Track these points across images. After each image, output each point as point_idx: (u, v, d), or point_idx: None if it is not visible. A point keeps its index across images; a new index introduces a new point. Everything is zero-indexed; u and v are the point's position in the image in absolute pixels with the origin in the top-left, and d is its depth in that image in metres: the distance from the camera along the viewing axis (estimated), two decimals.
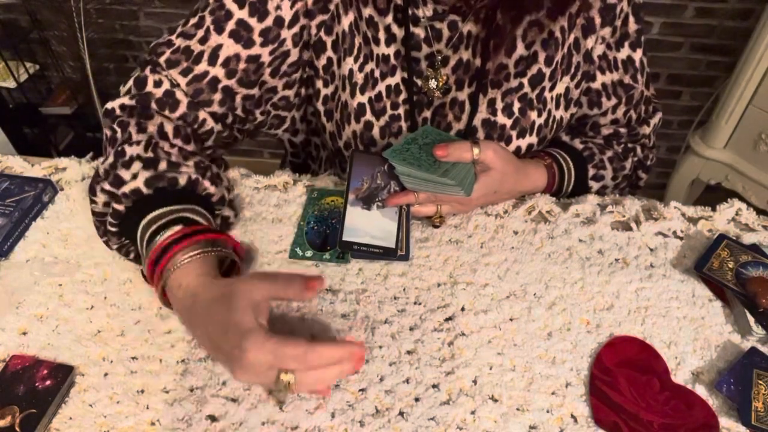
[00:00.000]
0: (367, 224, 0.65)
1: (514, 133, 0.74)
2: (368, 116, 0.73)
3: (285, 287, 0.51)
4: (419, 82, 0.73)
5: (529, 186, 0.75)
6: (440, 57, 0.72)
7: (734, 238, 0.69)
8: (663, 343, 0.60)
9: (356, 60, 0.72)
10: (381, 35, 0.71)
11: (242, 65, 0.69)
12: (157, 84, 0.67)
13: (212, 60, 0.67)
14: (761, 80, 1.44)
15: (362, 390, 0.56)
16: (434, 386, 0.56)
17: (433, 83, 0.72)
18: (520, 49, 0.71)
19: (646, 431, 0.53)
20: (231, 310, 0.50)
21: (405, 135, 0.75)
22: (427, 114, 0.75)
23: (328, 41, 0.72)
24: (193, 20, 0.68)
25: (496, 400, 0.55)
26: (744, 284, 0.63)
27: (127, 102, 0.67)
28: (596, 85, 0.77)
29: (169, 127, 0.66)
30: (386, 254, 0.65)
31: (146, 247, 0.57)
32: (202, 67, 0.67)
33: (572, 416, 0.55)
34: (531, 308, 0.63)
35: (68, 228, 0.71)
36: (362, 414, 0.54)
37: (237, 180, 0.77)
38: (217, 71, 0.68)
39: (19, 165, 0.79)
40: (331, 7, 0.70)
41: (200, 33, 0.67)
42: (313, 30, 0.71)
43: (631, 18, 0.74)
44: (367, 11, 0.70)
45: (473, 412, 0.55)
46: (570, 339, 0.60)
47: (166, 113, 0.67)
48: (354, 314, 0.62)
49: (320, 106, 0.77)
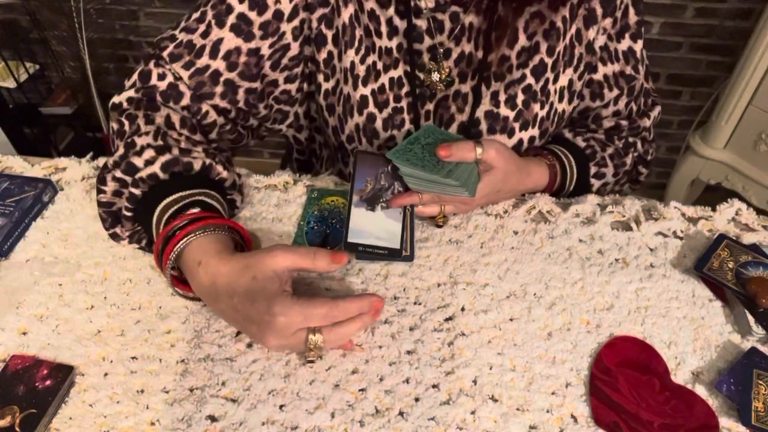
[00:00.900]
0: (372, 225, 0.65)
1: (517, 125, 0.74)
2: (371, 108, 0.74)
3: (309, 258, 0.55)
4: (421, 75, 0.73)
5: (531, 185, 0.75)
6: (442, 49, 0.72)
7: (734, 238, 0.69)
8: (663, 343, 0.60)
9: (357, 52, 0.72)
10: (383, 28, 0.71)
11: (243, 58, 0.70)
12: (161, 77, 0.69)
13: (213, 54, 0.69)
14: (761, 80, 1.44)
15: (362, 390, 0.56)
16: (434, 386, 0.56)
17: (436, 76, 0.73)
18: (522, 41, 0.71)
19: (646, 431, 0.53)
20: (256, 280, 0.53)
21: (408, 132, 0.75)
22: (430, 107, 0.75)
23: (329, 35, 0.72)
24: (195, 15, 0.70)
25: (496, 400, 0.55)
26: (744, 284, 0.63)
27: (134, 95, 0.69)
28: (598, 76, 0.77)
29: (176, 117, 0.68)
30: (391, 255, 0.65)
31: (164, 228, 0.59)
32: (204, 61, 0.69)
33: (572, 416, 0.55)
34: (531, 308, 0.63)
35: (68, 228, 0.71)
36: (362, 414, 0.54)
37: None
38: (218, 64, 0.69)
39: (19, 165, 0.79)
40: (332, 0, 0.70)
41: (202, 27, 0.69)
42: (314, 23, 0.71)
43: (632, 9, 0.74)
44: (369, 4, 0.70)
45: (473, 412, 0.54)
46: (570, 339, 0.60)
47: (171, 104, 0.69)
48: None
49: (322, 101, 0.77)
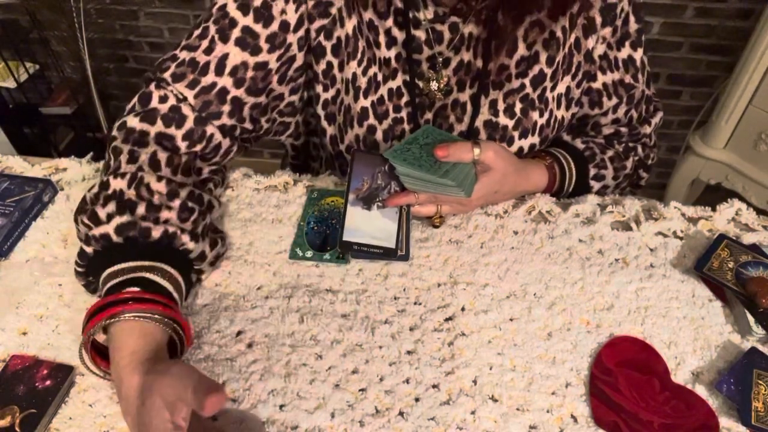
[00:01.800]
0: (368, 224, 0.65)
1: (516, 134, 0.74)
2: (371, 120, 0.73)
3: (194, 395, 0.45)
4: (421, 84, 0.73)
5: (530, 186, 0.75)
6: (441, 59, 0.72)
7: (734, 238, 0.69)
8: (663, 343, 0.60)
9: (360, 64, 0.72)
10: (382, 39, 0.71)
11: (250, 73, 0.67)
12: (163, 99, 0.65)
13: (219, 70, 0.66)
14: (761, 80, 1.44)
15: (362, 390, 0.56)
16: (434, 386, 0.56)
17: (435, 85, 0.72)
18: (522, 50, 0.71)
19: (646, 431, 0.53)
20: (145, 407, 0.46)
21: (406, 135, 0.75)
22: (429, 116, 0.75)
23: (328, 46, 0.71)
24: (197, 32, 0.67)
25: (496, 400, 0.55)
26: (744, 284, 0.63)
27: (130, 123, 0.64)
28: (597, 85, 0.77)
29: (162, 156, 0.62)
30: (386, 254, 0.65)
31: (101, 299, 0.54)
32: (210, 78, 0.66)
33: (572, 416, 0.55)
34: (531, 308, 0.63)
35: (68, 228, 0.71)
36: (362, 414, 0.54)
37: (238, 180, 0.77)
38: (225, 81, 0.66)
39: (19, 165, 0.79)
40: (333, 11, 0.70)
41: (205, 43, 0.66)
42: (313, 34, 0.70)
43: (632, 17, 0.74)
44: (368, 15, 0.70)
45: (473, 412, 0.54)
46: (570, 339, 0.60)
47: (171, 131, 0.65)
48: (354, 314, 0.62)
49: (320, 110, 0.77)
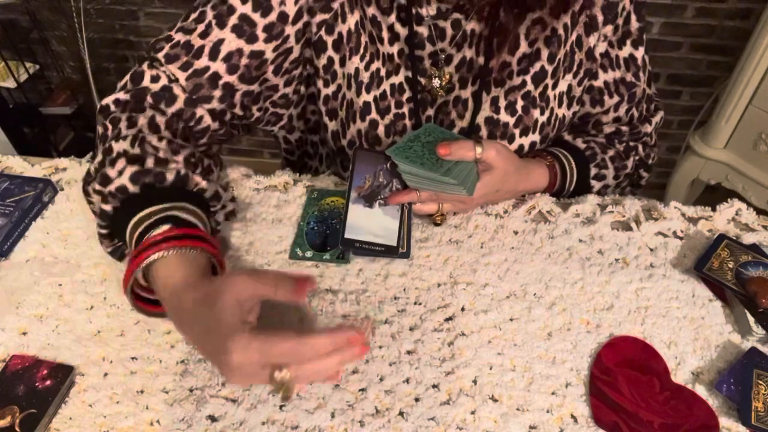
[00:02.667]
0: (369, 222, 0.65)
1: (517, 131, 0.74)
2: (373, 115, 0.74)
3: (274, 286, 0.49)
4: (423, 81, 0.73)
5: (531, 185, 0.75)
6: (444, 56, 0.72)
7: (734, 238, 0.69)
8: (663, 343, 0.60)
9: (362, 59, 0.72)
10: (384, 34, 0.71)
11: (245, 60, 0.67)
12: (155, 79, 0.66)
13: (213, 55, 0.66)
14: (761, 80, 1.44)
15: (362, 390, 0.56)
16: (434, 386, 0.56)
17: (437, 82, 0.73)
18: (523, 47, 0.71)
19: (646, 431, 0.53)
20: (214, 310, 0.47)
21: (408, 133, 0.75)
22: (431, 112, 0.75)
23: (329, 41, 0.72)
24: (194, 15, 0.68)
25: (496, 400, 0.55)
26: (744, 284, 0.63)
27: (122, 97, 0.65)
28: (599, 83, 0.77)
29: (161, 120, 0.64)
30: (388, 252, 0.65)
31: (134, 248, 0.55)
32: (203, 62, 0.66)
33: (572, 416, 0.55)
34: (531, 308, 0.63)
35: (68, 228, 0.71)
36: (362, 414, 0.54)
37: (238, 180, 0.77)
38: (218, 66, 0.67)
39: (19, 165, 0.79)
40: (335, 6, 0.70)
41: (201, 27, 0.66)
42: (314, 28, 0.71)
43: (633, 16, 0.74)
44: (371, 10, 0.70)
45: (473, 412, 0.54)
46: (570, 339, 0.60)
47: (162, 107, 0.66)
48: (354, 314, 0.62)
49: (321, 106, 0.77)
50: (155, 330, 0.60)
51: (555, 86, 0.74)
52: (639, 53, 0.76)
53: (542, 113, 0.74)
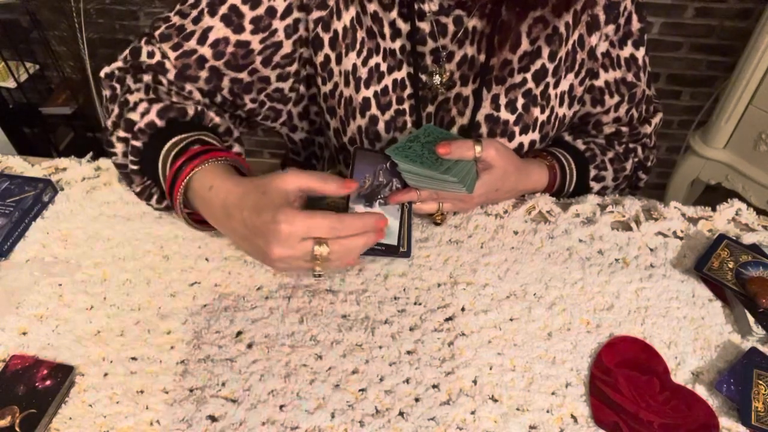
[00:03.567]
0: None
1: (517, 129, 0.74)
2: (373, 110, 0.74)
3: (320, 180, 0.57)
4: (424, 78, 0.73)
5: (531, 185, 0.75)
6: (445, 53, 0.72)
7: (734, 238, 0.69)
8: (663, 343, 0.60)
9: (359, 55, 0.72)
10: (386, 30, 0.71)
11: (230, 49, 0.70)
12: (150, 54, 0.71)
13: (201, 40, 0.70)
14: (761, 80, 1.44)
15: (362, 390, 0.56)
16: (434, 386, 0.56)
17: (438, 79, 0.73)
18: (525, 45, 0.71)
19: (646, 431, 0.53)
20: (265, 194, 0.55)
21: (407, 133, 0.75)
22: (431, 109, 0.75)
23: (326, 38, 0.72)
24: (191, 0, 0.71)
25: (496, 400, 0.55)
26: (744, 284, 0.63)
27: (122, 65, 0.72)
28: (599, 83, 0.77)
29: (163, 80, 0.70)
30: (389, 252, 0.65)
31: (170, 169, 0.61)
32: (191, 45, 0.70)
33: (572, 416, 0.55)
34: (531, 308, 0.63)
35: (68, 228, 0.71)
36: (362, 414, 0.54)
37: None
38: (205, 51, 0.70)
39: (19, 165, 0.79)
40: (331, 3, 0.70)
41: (194, 13, 0.70)
42: (311, 25, 0.71)
43: (635, 16, 0.74)
44: (372, 7, 0.70)
45: (473, 412, 0.54)
46: (570, 339, 0.60)
47: (159, 78, 0.71)
48: (354, 314, 0.62)
49: (322, 103, 0.78)
50: (155, 330, 0.60)
51: (556, 85, 0.74)
52: (640, 54, 0.76)
53: (542, 112, 0.74)
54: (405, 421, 0.54)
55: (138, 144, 0.64)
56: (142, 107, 0.65)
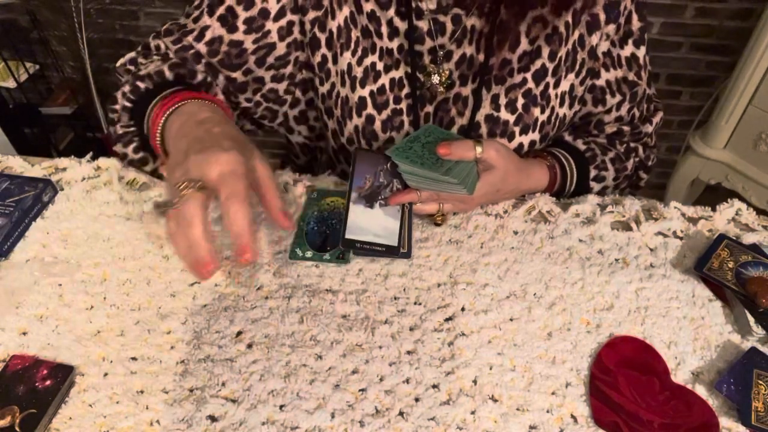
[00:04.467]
0: (370, 222, 0.65)
1: (517, 129, 0.74)
2: (370, 110, 0.74)
3: (267, 192, 0.54)
4: (422, 77, 0.73)
5: (531, 185, 0.75)
6: (443, 52, 0.72)
7: (734, 238, 0.69)
8: (663, 343, 0.60)
9: (354, 54, 0.72)
10: (384, 29, 0.71)
11: (224, 48, 0.73)
12: (157, 48, 0.75)
13: (199, 38, 0.73)
14: (761, 80, 1.44)
15: (362, 390, 0.56)
16: (434, 386, 0.56)
17: (436, 78, 0.73)
18: (524, 45, 0.71)
19: (646, 431, 0.53)
20: (234, 140, 0.54)
21: (405, 132, 0.75)
22: (430, 109, 0.75)
23: (322, 38, 0.72)
24: (196, 2, 0.75)
25: (496, 400, 0.55)
26: (744, 284, 0.63)
27: (134, 55, 0.77)
28: (601, 82, 0.77)
29: (169, 62, 0.73)
30: (389, 252, 0.65)
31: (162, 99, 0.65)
32: (189, 40, 0.74)
33: (572, 416, 0.55)
34: (531, 308, 0.63)
35: (68, 228, 0.71)
36: (362, 414, 0.54)
37: None
38: (201, 48, 0.73)
39: (19, 165, 0.79)
40: (325, 3, 0.71)
41: (196, 13, 0.74)
42: (307, 26, 0.72)
43: (635, 15, 0.74)
44: (369, 6, 0.70)
45: (473, 412, 0.54)
46: (570, 339, 0.60)
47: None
48: (354, 314, 0.62)
49: (320, 104, 0.78)
50: (155, 330, 0.60)
51: (557, 85, 0.74)
52: (640, 53, 0.76)
53: (542, 112, 0.74)
54: (405, 421, 0.54)
55: (141, 86, 0.69)
56: (156, 63, 0.71)
